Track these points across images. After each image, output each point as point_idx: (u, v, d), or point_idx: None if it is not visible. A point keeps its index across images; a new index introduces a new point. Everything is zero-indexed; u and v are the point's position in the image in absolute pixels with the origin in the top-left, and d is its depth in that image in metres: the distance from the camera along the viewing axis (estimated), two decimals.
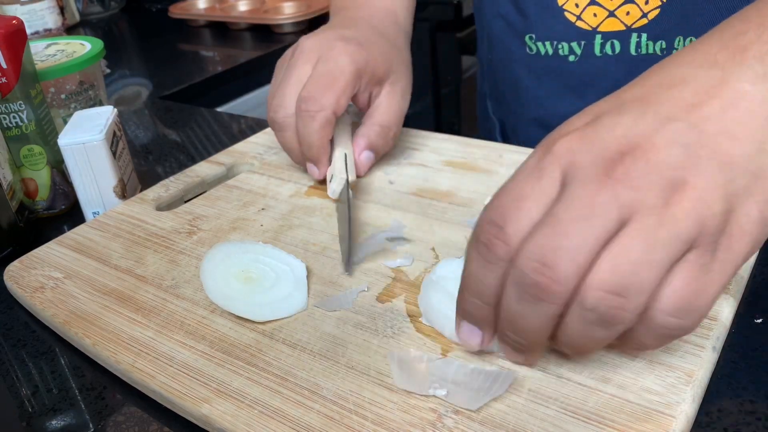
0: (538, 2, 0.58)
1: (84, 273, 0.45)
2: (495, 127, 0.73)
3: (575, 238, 0.27)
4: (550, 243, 0.27)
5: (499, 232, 0.29)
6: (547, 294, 0.28)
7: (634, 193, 0.27)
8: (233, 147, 0.62)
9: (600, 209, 0.27)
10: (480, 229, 0.30)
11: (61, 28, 1.15)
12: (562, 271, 0.27)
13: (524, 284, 0.28)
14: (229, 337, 0.38)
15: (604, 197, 0.27)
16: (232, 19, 1.26)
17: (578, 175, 0.28)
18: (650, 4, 0.53)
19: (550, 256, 0.27)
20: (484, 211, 0.31)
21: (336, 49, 0.51)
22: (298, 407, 0.33)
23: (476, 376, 0.32)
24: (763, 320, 0.38)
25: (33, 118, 0.55)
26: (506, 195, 0.30)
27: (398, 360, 0.33)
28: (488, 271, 0.30)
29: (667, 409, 0.30)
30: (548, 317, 0.29)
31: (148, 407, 0.36)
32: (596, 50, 0.57)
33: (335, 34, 0.53)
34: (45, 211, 0.59)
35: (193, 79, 1.00)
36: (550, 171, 0.29)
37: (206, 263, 0.42)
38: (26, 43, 0.54)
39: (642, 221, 0.27)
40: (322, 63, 0.51)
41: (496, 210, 0.30)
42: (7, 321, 0.44)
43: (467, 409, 0.32)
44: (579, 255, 0.27)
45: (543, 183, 0.29)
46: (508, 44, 0.63)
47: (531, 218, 0.29)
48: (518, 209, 0.29)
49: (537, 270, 0.28)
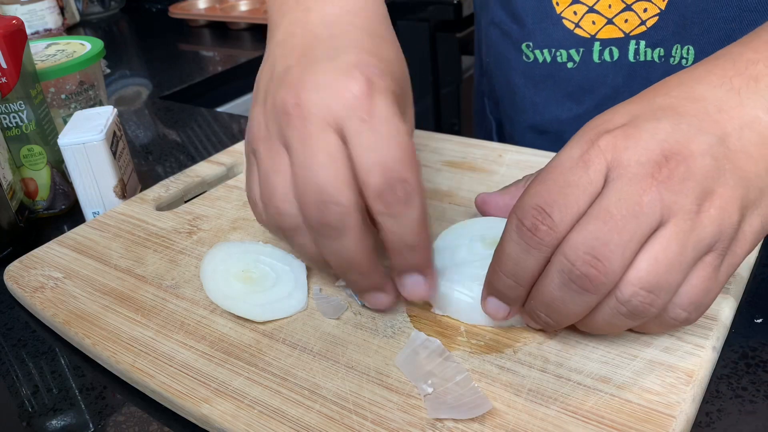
0: (536, 11, 0.58)
1: (84, 273, 0.45)
2: (492, 127, 0.73)
3: (626, 234, 0.29)
4: (603, 236, 0.29)
5: (546, 218, 0.30)
6: (594, 286, 0.29)
7: (675, 197, 0.29)
8: (233, 147, 0.62)
9: (647, 208, 0.29)
10: (523, 212, 0.31)
11: (61, 28, 1.15)
12: (612, 264, 0.29)
13: (572, 274, 0.30)
14: (229, 337, 0.38)
15: (651, 197, 0.29)
16: (232, 19, 1.26)
17: (625, 173, 0.30)
18: (648, 12, 0.53)
19: (602, 249, 0.29)
20: (527, 196, 0.31)
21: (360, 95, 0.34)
22: (298, 407, 0.33)
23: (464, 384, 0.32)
24: (763, 320, 0.38)
25: (33, 118, 0.55)
26: (552, 182, 0.31)
27: (411, 339, 0.35)
28: (529, 255, 0.31)
29: (667, 409, 0.30)
30: (587, 306, 0.31)
31: (148, 407, 0.36)
32: (595, 57, 0.57)
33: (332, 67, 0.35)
34: (45, 211, 0.59)
35: (193, 79, 1.00)
36: (596, 163, 0.30)
37: (206, 263, 0.42)
38: (26, 43, 0.54)
39: (678, 224, 0.29)
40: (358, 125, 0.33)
41: (542, 196, 0.30)
42: (7, 321, 0.44)
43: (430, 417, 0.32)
44: (627, 250, 0.29)
45: (590, 174, 0.30)
46: (504, 52, 0.63)
47: (579, 207, 0.30)
48: (566, 196, 0.30)
49: (588, 262, 0.29)
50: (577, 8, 0.56)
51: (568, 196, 0.30)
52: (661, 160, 0.29)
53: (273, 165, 0.35)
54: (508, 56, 0.63)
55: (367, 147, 0.33)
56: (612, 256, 0.29)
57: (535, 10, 0.58)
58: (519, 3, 0.59)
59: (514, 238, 0.31)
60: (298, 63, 0.36)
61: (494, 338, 0.36)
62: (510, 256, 0.32)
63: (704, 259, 0.30)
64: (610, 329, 0.32)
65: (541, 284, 0.32)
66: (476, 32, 0.73)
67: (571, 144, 0.32)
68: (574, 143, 0.32)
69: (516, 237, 0.31)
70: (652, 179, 0.29)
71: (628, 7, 0.54)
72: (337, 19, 0.39)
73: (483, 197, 0.45)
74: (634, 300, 0.29)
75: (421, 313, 0.38)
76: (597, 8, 0.55)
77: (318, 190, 0.33)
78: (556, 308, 0.32)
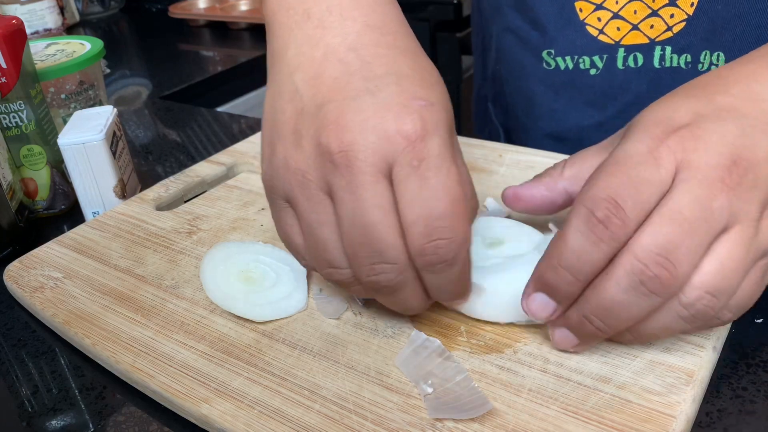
0: (559, 17, 0.57)
1: (84, 273, 0.45)
2: (498, 133, 0.72)
3: (697, 238, 0.28)
4: (676, 239, 0.28)
5: (620, 211, 0.29)
6: (663, 288, 0.29)
7: (742, 204, 0.29)
8: (233, 147, 0.62)
9: (717, 213, 0.29)
10: (595, 204, 0.30)
11: (61, 28, 1.15)
12: (682, 267, 0.29)
13: (643, 275, 0.29)
14: (229, 337, 0.38)
15: (721, 202, 0.29)
16: (232, 19, 1.26)
17: (696, 175, 0.29)
18: (675, 18, 0.53)
19: (674, 251, 0.28)
20: (597, 188, 0.30)
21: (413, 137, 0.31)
22: (298, 407, 0.33)
23: (464, 384, 0.32)
24: (763, 320, 0.38)
25: (33, 118, 0.55)
26: (624, 175, 0.30)
27: (411, 339, 0.34)
28: (596, 248, 0.30)
29: (667, 409, 0.30)
30: (649, 310, 0.30)
31: (148, 407, 0.36)
32: (619, 63, 0.56)
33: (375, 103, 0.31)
34: (45, 211, 0.59)
35: (193, 79, 1.00)
36: (667, 162, 0.30)
37: (206, 263, 0.42)
38: (26, 42, 0.54)
39: (743, 231, 0.29)
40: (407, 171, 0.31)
41: (615, 188, 0.30)
42: (7, 321, 0.44)
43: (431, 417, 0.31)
44: (697, 255, 0.29)
45: (661, 172, 0.30)
46: (521, 59, 0.62)
47: (651, 203, 0.29)
48: (639, 192, 0.29)
49: (660, 263, 0.28)
50: (601, 14, 0.55)
51: (641, 191, 0.29)
52: (731, 165, 0.29)
53: (318, 217, 0.33)
54: (525, 63, 0.61)
55: (412, 198, 0.31)
56: (683, 259, 0.28)
57: (557, 16, 0.57)
58: (540, 9, 0.58)
59: (581, 230, 0.30)
60: (333, 99, 0.32)
61: (494, 338, 0.36)
62: (574, 248, 0.30)
63: (758, 263, 0.30)
64: (661, 335, 0.32)
65: (603, 287, 0.30)
66: (478, 37, 0.72)
67: (637, 138, 0.31)
68: (639, 137, 0.31)
69: (584, 229, 0.30)
70: (722, 184, 0.29)
71: (654, 12, 0.53)
72: (361, 39, 0.34)
73: (515, 191, 0.39)
74: (698, 304, 0.29)
75: (420, 312, 0.38)
76: (622, 14, 0.54)
77: (371, 249, 0.31)
78: (616, 313, 0.30)
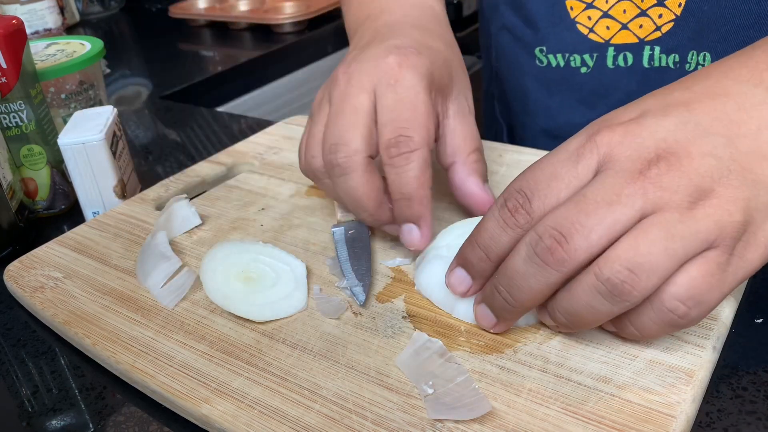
0: (550, 15, 0.58)
1: (84, 273, 0.45)
2: (502, 130, 0.72)
3: (594, 218, 0.29)
4: (571, 217, 0.30)
5: (525, 203, 0.32)
6: (555, 261, 0.30)
7: (662, 193, 0.29)
8: (233, 147, 0.62)
9: (625, 199, 0.29)
10: (508, 194, 0.33)
11: (61, 27, 1.14)
12: (576, 243, 0.30)
13: (537, 247, 0.31)
14: (229, 337, 0.38)
15: (632, 189, 0.29)
16: (232, 18, 1.26)
17: (613, 166, 0.30)
18: (664, 18, 0.53)
19: (567, 227, 0.30)
20: (517, 179, 0.33)
21: (394, 66, 0.40)
22: (298, 407, 0.33)
23: (465, 385, 0.32)
24: (763, 320, 0.38)
25: (33, 117, 0.55)
26: (541, 170, 0.33)
27: (413, 339, 0.35)
28: (503, 232, 0.33)
29: (667, 409, 0.30)
30: (548, 284, 0.31)
31: (148, 407, 0.36)
32: (609, 62, 0.57)
33: (380, 48, 0.42)
34: (45, 211, 0.59)
35: (193, 79, 1.00)
36: (587, 158, 0.31)
37: (206, 263, 0.42)
38: (26, 42, 0.54)
39: (664, 216, 0.29)
40: (385, 88, 0.40)
41: (528, 182, 0.33)
42: (7, 321, 0.44)
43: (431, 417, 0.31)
44: (593, 233, 0.29)
45: (579, 168, 0.31)
46: (516, 56, 0.63)
47: (558, 198, 0.31)
48: (548, 187, 0.32)
49: (552, 236, 0.30)
50: (591, 13, 0.56)
51: (550, 187, 0.32)
52: (653, 159, 0.30)
53: (316, 119, 0.43)
54: (521, 61, 0.62)
55: (386, 106, 0.39)
56: (576, 235, 0.30)
57: (548, 14, 0.58)
58: (532, 7, 0.59)
59: (495, 215, 0.33)
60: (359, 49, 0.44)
61: (494, 338, 0.36)
62: (487, 229, 0.34)
63: (706, 254, 0.29)
64: (591, 316, 0.31)
65: (509, 258, 0.33)
66: (483, 35, 0.73)
67: (574, 136, 0.33)
68: (576, 136, 0.33)
69: (497, 214, 0.33)
70: (639, 174, 0.29)
71: (642, 12, 0.53)
72: (396, 21, 0.48)
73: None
74: (614, 277, 0.29)
75: (420, 313, 0.38)
76: (611, 13, 0.55)
77: (335, 133, 0.39)
78: (518, 283, 0.32)
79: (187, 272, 0.42)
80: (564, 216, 0.30)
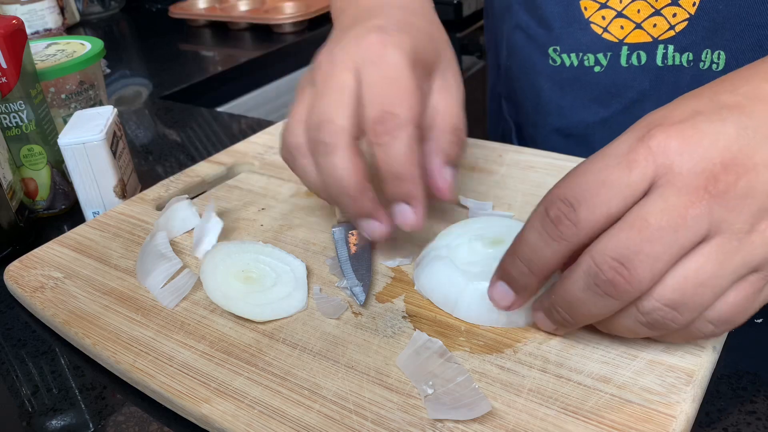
0: (564, 16, 0.58)
1: (84, 273, 0.45)
2: (510, 129, 0.72)
3: (659, 247, 0.27)
4: (634, 245, 0.28)
5: (571, 212, 0.29)
6: (618, 293, 0.29)
7: (727, 214, 0.27)
8: (233, 147, 0.62)
9: (691, 222, 0.27)
10: (549, 202, 0.30)
11: (61, 28, 1.15)
12: (640, 275, 0.28)
13: (598, 278, 0.29)
14: (229, 337, 0.38)
15: (698, 211, 0.27)
16: (232, 19, 1.26)
17: (675, 182, 0.28)
18: (678, 17, 0.53)
19: (632, 258, 0.28)
20: (558, 186, 0.30)
21: (376, 45, 0.39)
22: (298, 407, 0.33)
23: (465, 385, 0.32)
24: (763, 320, 0.38)
25: (33, 118, 0.55)
26: (587, 176, 0.29)
27: (413, 339, 0.34)
28: (547, 246, 0.30)
29: (667, 409, 0.30)
30: (609, 310, 0.30)
31: (148, 407, 0.36)
32: (622, 61, 0.57)
33: (362, 28, 0.41)
34: (45, 211, 0.59)
35: (193, 79, 1.00)
36: (643, 166, 0.28)
37: (206, 263, 0.42)
38: (26, 43, 0.54)
39: (723, 244, 0.27)
40: (368, 66, 0.39)
41: (573, 189, 0.29)
42: (7, 321, 0.44)
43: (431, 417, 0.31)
44: (659, 263, 0.28)
45: (633, 176, 0.28)
46: (529, 55, 0.63)
47: (609, 208, 0.29)
48: (597, 195, 0.29)
49: (615, 269, 0.28)
50: (605, 13, 0.56)
51: (599, 195, 0.29)
52: (719, 171, 0.27)
53: (299, 100, 0.41)
54: (534, 60, 0.62)
55: (371, 84, 0.38)
56: (641, 267, 0.28)
57: (562, 14, 0.58)
58: (546, 7, 0.59)
59: (536, 226, 0.31)
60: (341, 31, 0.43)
61: (494, 338, 0.36)
62: (528, 242, 0.31)
63: (747, 278, 0.28)
64: (630, 335, 0.32)
65: (566, 282, 0.31)
66: (491, 34, 0.72)
67: (623, 137, 0.30)
68: (624, 137, 0.30)
69: (538, 225, 0.31)
70: (705, 192, 0.27)
71: (657, 11, 0.53)
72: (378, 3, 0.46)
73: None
74: (655, 314, 0.29)
75: (420, 313, 0.38)
76: (626, 13, 0.55)
77: (319, 111, 0.38)
78: (577, 309, 0.31)
79: (188, 273, 0.42)
80: (625, 245, 0.28)
